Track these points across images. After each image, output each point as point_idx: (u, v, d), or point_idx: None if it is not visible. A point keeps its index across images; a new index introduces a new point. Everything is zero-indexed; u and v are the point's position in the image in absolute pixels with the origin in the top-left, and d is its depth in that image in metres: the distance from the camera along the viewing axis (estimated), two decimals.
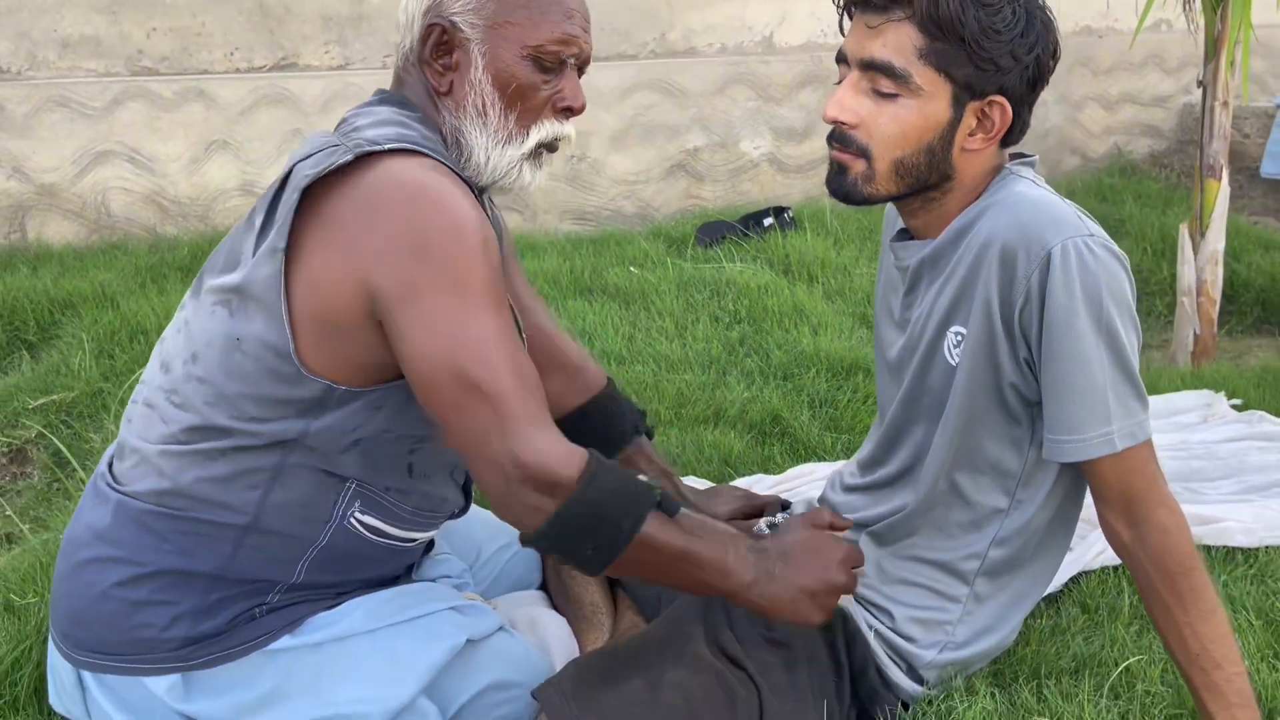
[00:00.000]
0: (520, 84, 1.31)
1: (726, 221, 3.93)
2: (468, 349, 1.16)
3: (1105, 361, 1.24)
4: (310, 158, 1.24)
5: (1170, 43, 5.08)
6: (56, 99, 3.77)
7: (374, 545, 1.37)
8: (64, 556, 1.35)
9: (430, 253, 1.17)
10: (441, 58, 1.32)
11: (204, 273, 1.34)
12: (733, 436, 2.31)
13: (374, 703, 1.31)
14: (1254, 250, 3.77)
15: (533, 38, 1.30)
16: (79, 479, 2.32)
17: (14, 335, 3.06)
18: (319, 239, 1.21)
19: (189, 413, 1.27)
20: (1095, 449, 1.25)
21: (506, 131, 1.32)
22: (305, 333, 1.22)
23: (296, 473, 1.28)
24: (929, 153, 1.29)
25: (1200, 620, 1.26)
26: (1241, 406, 2.45)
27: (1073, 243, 1.22)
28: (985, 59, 1.24)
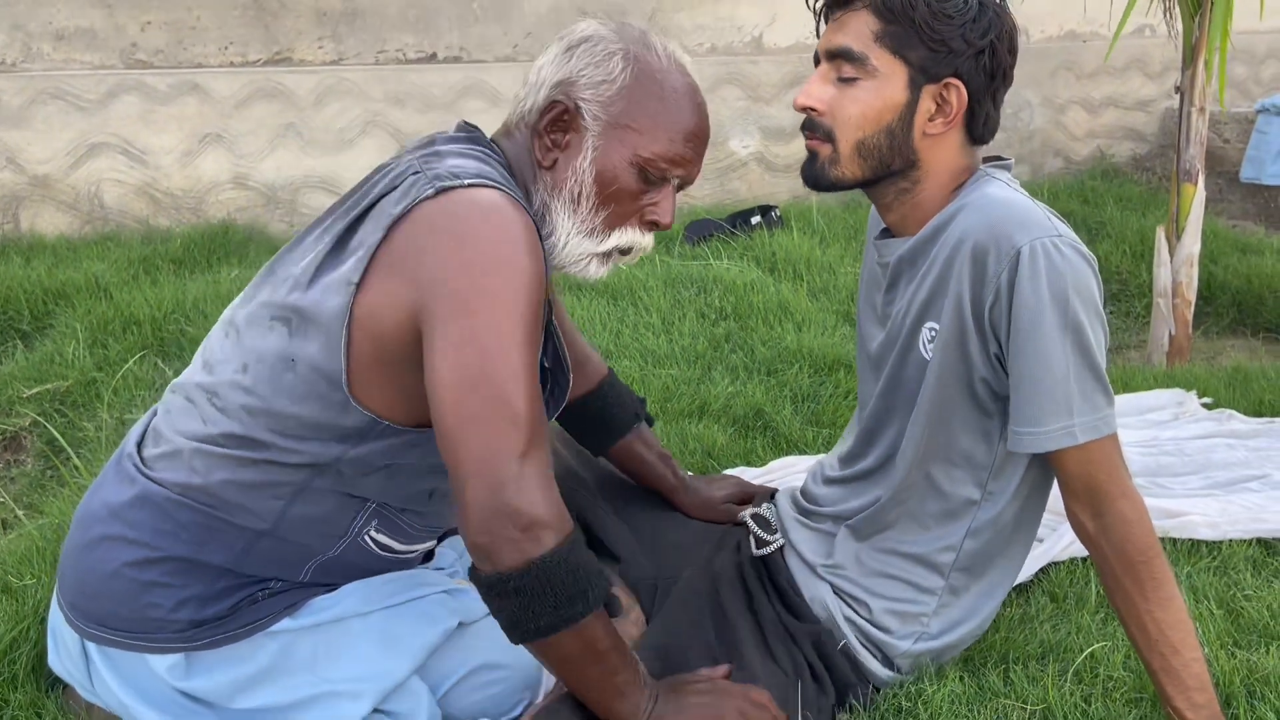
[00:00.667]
0: (620, 188, 1.32)
1: (714, 220, 3.97)
2: (506, 369, 1.16)
3: (1070, 357, 1.28)
4: (394, 190, 1.25)
5: (1153, 47, 5.15)
6: (51, 91, 3.80)
7: (379, 558, 1.42)
8: (78, 529, 1.38)
9: (487, 275, 1.17)
10: (554, 133, 1.33)
11: (261, 281, 1.36)
12: (716, 430, 2.36)
13: (368, 681, 1.35)
14: (1231, 253, 3.84)
15: (647, 149, 1.31)
16: (73, 466, 2.36)
17: (8, 324, 3.09)
18: (384, 265, 1.22)
19: (231, 419, 1.30)
20: (1057, 440, 1.30)
21: (591, 226, 1.33)
22: (359, 362, 1.24)
23: (320, 493, 1.32)
24: (889, 134, 1.35)
25: (1159, 607, 1.31)
26: (1212, 405, 2.51)
27: (1040, 243, 1.27)
28: (937, 41, 1.31)
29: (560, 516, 1.17)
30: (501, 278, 1.18)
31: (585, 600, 1.18)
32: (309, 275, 1.27)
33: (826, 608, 1.50)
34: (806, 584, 1.53)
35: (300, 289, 1.27)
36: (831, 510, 1.56)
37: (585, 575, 1.18)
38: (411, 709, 1.39)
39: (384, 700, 1.38)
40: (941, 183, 1.40)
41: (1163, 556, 1.32)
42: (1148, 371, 2.86)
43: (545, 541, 1.15)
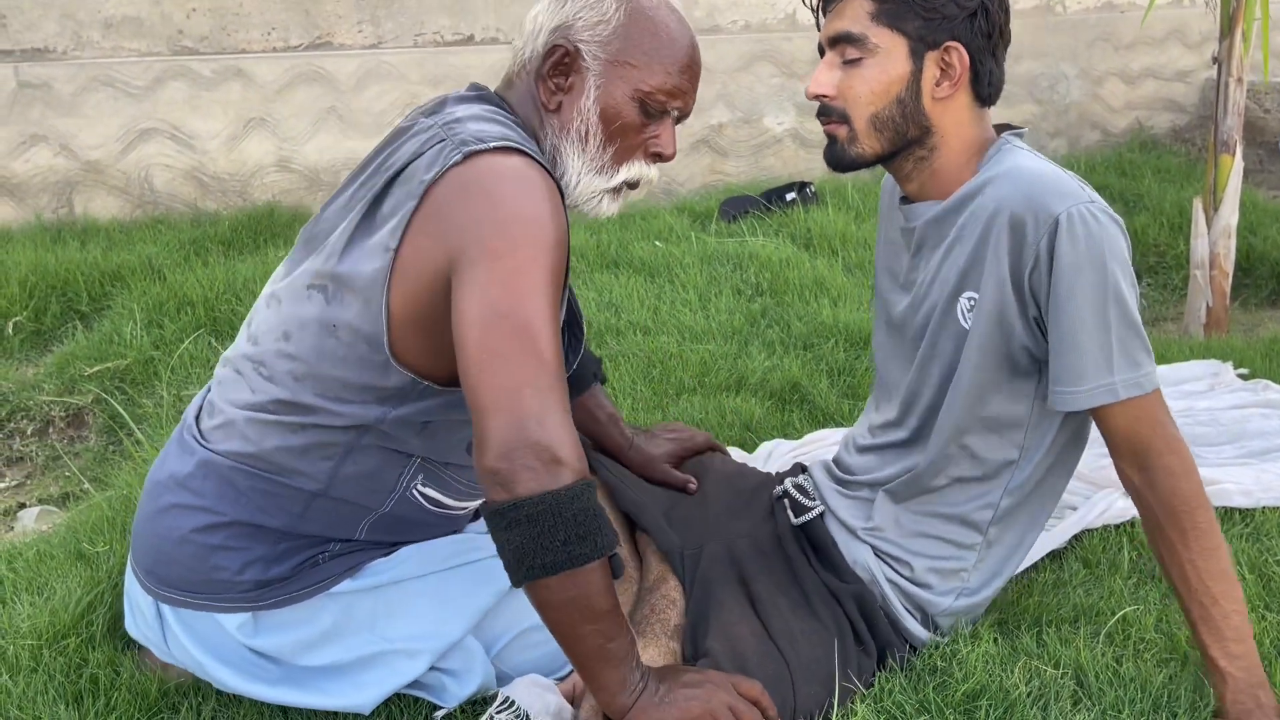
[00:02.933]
0: (624, 123, 1.38)
1: (750, 196, 4.00)
2: (533, 308, 1.19)
3: (1111, 317, 1.33)
4: (422, 156, 1.29)
5: (1192, 17, 5.09)
6: (101, 78, 3.89)
7: (430, 513, 1.48)
8: (148, 500, 1.46)
9: (515, 229, 1.22)
10: (557, 77, 1.39)
11: (298, 252, 1.42)
12: (754, 404, 2.40)
13: (426, 639, 1.42)
14: (1270, 225, 3.81)
15: (646, 83, 1.38)
16: (135, 440, 2.45)
17: (67, 306, 3.20)
18: (416, 229, 1.27)
19: (278, 386, 1.36)
20: (1098, 397, 1.34)
21: (600, 163, 1.39)
22: (398, 322, 1.29)
23: (368, 451, 1.38)
24: (900, 104, 1.41)
25: (1201, 557, 1.34)
26: (1248, 376, 2.52)
27: (1077, 209, 1.32)
28: (930, 9, 1.38)
29: (580, 457, 1.18)
30: (528, 231, 1.23)
31: (594, 543, 1.17)
32: (343, 243, 1.32)
33: (869, 569, 1.54)
34: (848, 547, 1.57)
35: (335, 256, 1.32)
36: (868, 478, 1.59)
37: (597, 520, 1.18)
38: (467, 667, 1.46)
39: (440, 659, 1.45)
40: (957, 148, 1.45)
41: (1209, 509, 1.35)
42: (1184, 343, 2.87)
43: (563, 477, 1.15)
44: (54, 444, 2.67)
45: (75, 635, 1.60)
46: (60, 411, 2.72)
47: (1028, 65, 4.93)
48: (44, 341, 3.11)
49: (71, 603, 1.65)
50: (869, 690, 1.45)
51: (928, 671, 1.49)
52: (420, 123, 1.37)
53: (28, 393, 2.74)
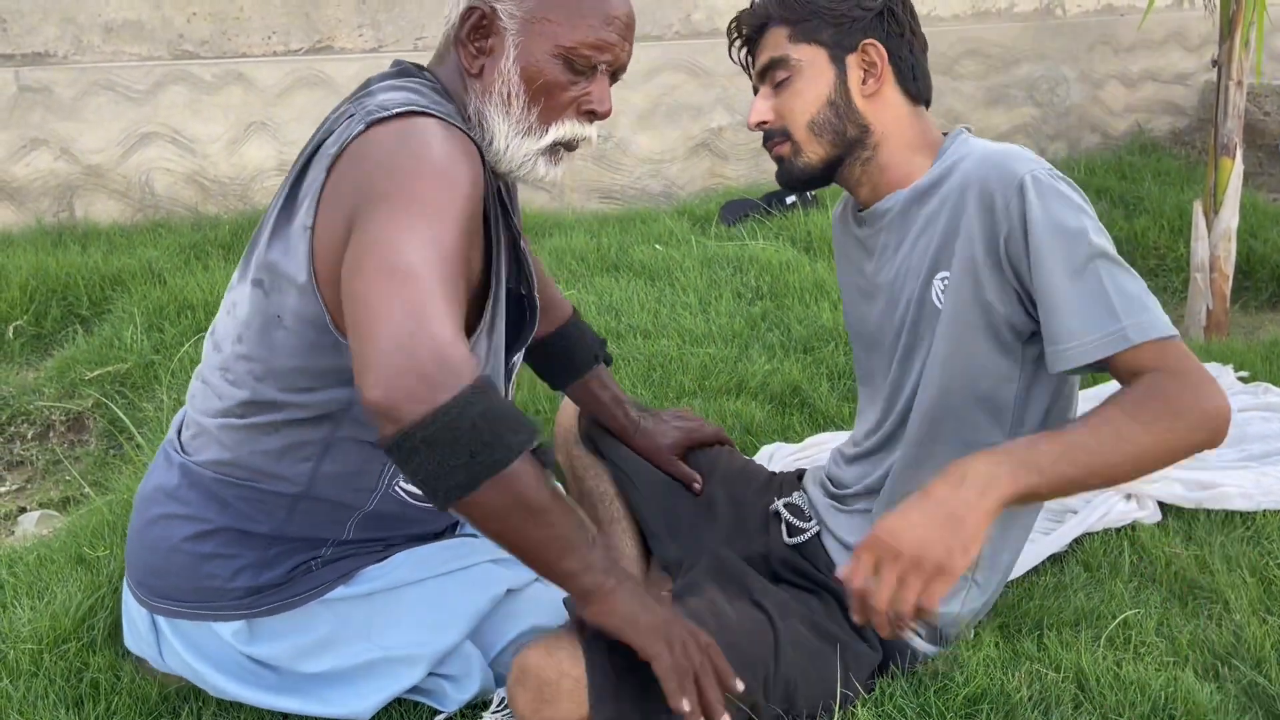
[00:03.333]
0: (547, 81, 1.33)
1: (749, 199, 4.00)
2: (411, 244, 1.13)
3: (1100, 266, 1.28)
4: (333, 133, 1.28)
5: (1191, 20, 5.09)
6: (102, 82, 3.90)
7: (414, 508, 1.47)
8: (137, 513, 1.46)
9: (400, 171, 1.18)
10: (477, 40, 1.35)
11: (246, 256, 1.40)
12: (754, 407, 2.40)
13: (423, 646, 1.42)
14: (1270, 228, 3.81)
15: (567, 39, 1.32)
16: (136, 444, 2.45)
17: (68, 310, 3.20)
18: (328, 204, 1.24)
19: (241, 388, 1.35)
20: (1107, 346, 1.25)
21: (527, 124, 1.34)
22: (332, 300, 1.25)
23: (345, 445, 1.37)
24: (832, 106, 1.46)
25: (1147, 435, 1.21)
26: (1249, 379, 2.52)
27: (1038, 170, 1.34)
28: (838, 16, 1.45)
29: (465, 360, 1.08)
30: (424, 180, 1.18)
31: (505, 446, 1.08)
32: (269, 231, 1.31)
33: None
34: None
35: (264, 246, 1.31)
36: (861, 487, 1.58)
37: (503, 419, 1.09)
38: (464, 672, 1.46)
39: (438, 664, 1.45)
40: (900, 144, 1.48)
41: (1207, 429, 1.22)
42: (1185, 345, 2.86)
43: (450, 387, 1.06)
44: (54, 448, 2.67)
45: (76, 640, 1.60)
46: (60, 415, 2.72)
47: (1027, 68, 4.93)
48: (44, 345, 3.12)
49: (72, 607, 1.65)
50: (870, 694, 1.45)
51: (929, 676, 1.49)
52: (341, 107, 1.35)
53: (28, 397, 2.74)
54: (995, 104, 4.92)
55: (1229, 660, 1.52)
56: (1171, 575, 1.73)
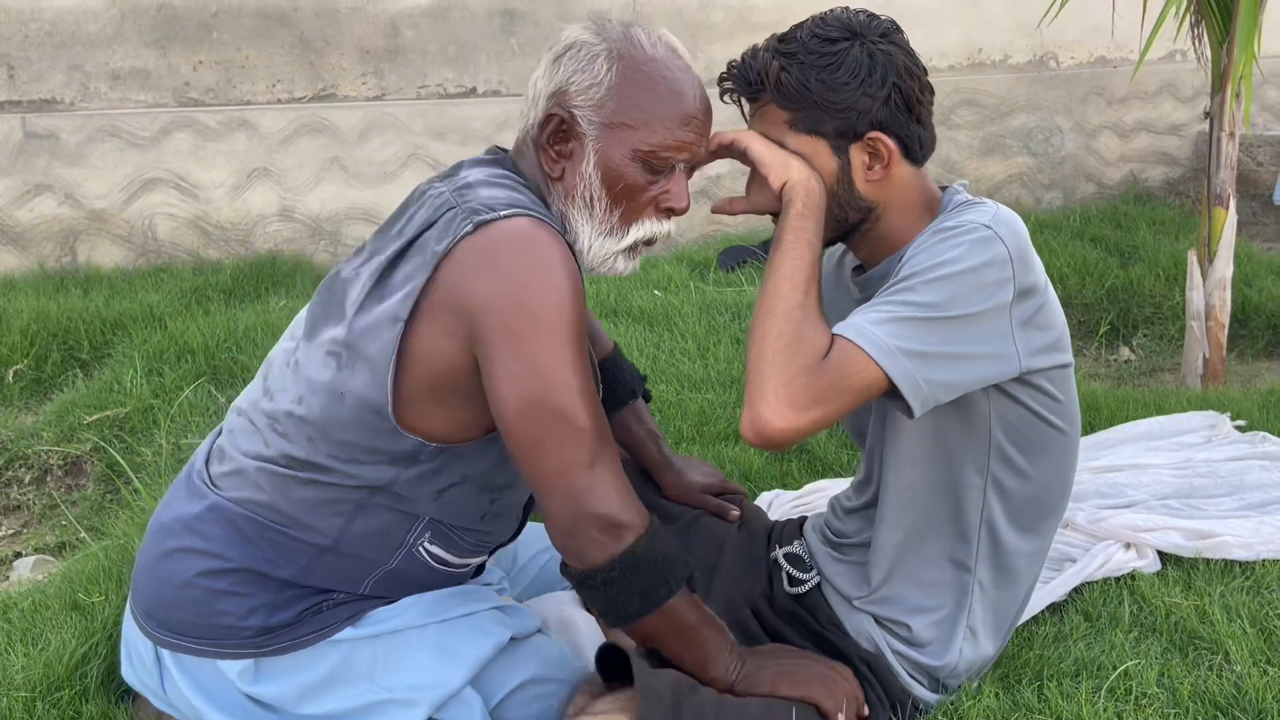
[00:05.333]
0: (627, 184, 1.36)
1: (748, 246, 4.04)
2: (564, 389, 1.25)
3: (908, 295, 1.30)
4: (434, 225, 1.31)
5: (1184, 72, 5.16)
6: (107, 129, 3.94)
7: (435, 570, 1.49)
8: (152, 543, 1.46)
9: (532, 303, 1.25)
10: (557, 145, 1.38)
11: (318, 312, 1.42)
12: (753, 453, 2.40)
13: (425, 690, 1.41)
14: (1265, 276, 3.84)
15: (645, 142, 1.35)
16: (133, 489, 2.45)
17: (68, 354, 3.21)
18: (433, 305, 1.28)
19: (292, 444, 1.37)
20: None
21: (609, 225, 1.38)
22: (412, 395, 1.31)
23: (378, 510, 1.39)
24: (834, 198, 1.41)
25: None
26: (1246, 428, 2.52)
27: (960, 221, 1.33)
28: (841, 108, 1.37)
29: (637, 511, 1.29)
30: (545, 301, 1.25)
31: (668, 586, 1.30)
32: (355, 308, 1.33)
33: (873, 639, 1.53)
34: (848, 618, 1.56)
35: (349, 323, 1.34)
36: (859, 540, 1.59)
37: (666, 564, 1.30)
38: (465, 718, 1.44)
39: (438, 709, 1.43)
40: (903, 212, 1.45)
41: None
42: (1182, 394, 2.88)
43: (626, 538, 1.27)
44: (51, 492, 2.67)
45: (69, 688, 1.59)
46: (58, 460, 2.71)
47: (1022, 118, 5.00)
48: (44, 389, 3.12)
49: (66, 654, 1.64)
50: None
51: None
52: (434, 188, 1.38)
53: (26, 441, 2.74)
54: (991, 153, 4.98)
55: (1230, 712, 1.51)
56: (1172, 625, 1.72)
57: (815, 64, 1.37)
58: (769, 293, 1.33)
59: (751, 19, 4.61)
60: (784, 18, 4.81)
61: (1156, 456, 2.32)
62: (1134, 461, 2.30)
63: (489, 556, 1.60)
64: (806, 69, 1.37)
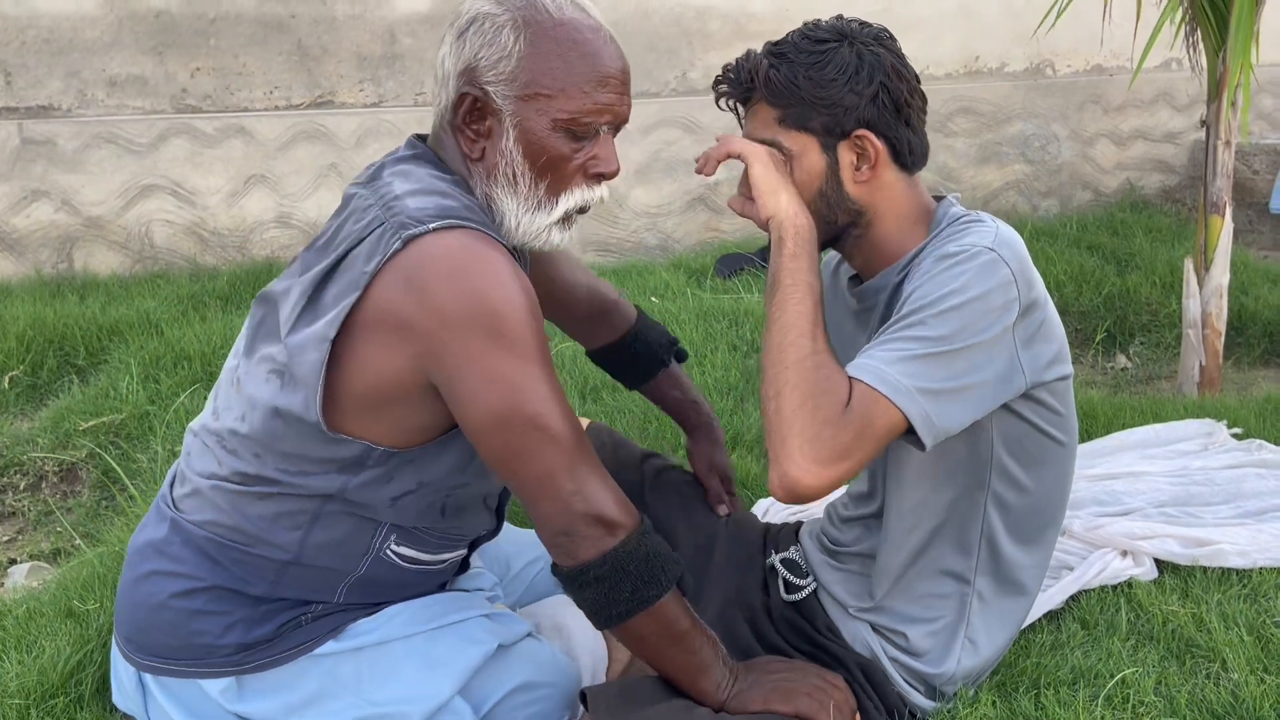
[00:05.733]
0: (551, 155, 1.31)
1: (745, 254, 4.04)
2: (533, 398, 1.23)
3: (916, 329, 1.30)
4: (363, 243, 1.26)
5: (1180, 80, 5.18)
6: (104, 135, 3.94)
7: (407, 571, 1.47)
8: (128, 568, 1.45)
9: (484, 322, 1.21)
10: (473, 124, 1.32)
11: (254, 333, 1.39)
12: (750, 460, 2.40)
13: (413, 702, 1.40)
14: (1262, 284, 3.84)
15: (564, 110, 1.29)
16: (129, 495, 2.44)
17: (64, 360, 3.20)
18: (366, 322, 1.25)
19: (241, 460, 1.36)
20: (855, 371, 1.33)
21: (536, 199, 1.33)
22: (351, 410, 1.28)
23: (335, 516, 1.37)
24: (822, 196, 1.41)
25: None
26: (1242, 435, 2.52)
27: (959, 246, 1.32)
28: (830, 105, 1.38)
29: (626, 509, 1.29)
30: (497, 316, 1.21)
31: (659, 584, 1.29)
32: (288, 328, 1.30)
33: (869, 646, 1.53)
34: (844, 625, 1.56)
35: (281, 342, 1.31)
36: (856, 550, 1.59)
37: (658, 561, 1.29)
38: None
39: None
40: (894, 219, 1.44)
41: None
42: (1178, 402, 2.88)
43: (618, 534, 1.27)
44: (46, 499, 2.66)
45: (64, 695, 1.59)
46: (54, 466, 2.71)
47: (1019, 126, 5.01)
48: (40, 396, 3.11)
49: (60, 662, 1.64)
50: None
51: None
52: (359, 195, 1.33)
53: (22, 447, 2.74)
54: (987, 161, 4.99)
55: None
56: (1169, 633, 1.72)
57: (803, 61, 1.38)
58: (776, 343, 1.31)
59: (748, 28, 4.61)
60: (780, 26, 4.82)
61: (1153, 464, 2.32)
62: (1131, 469, 2.30)
63: (469, 551, 1.58)
64: (795, 66, 1.38)
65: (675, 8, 4.52)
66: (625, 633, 1.32)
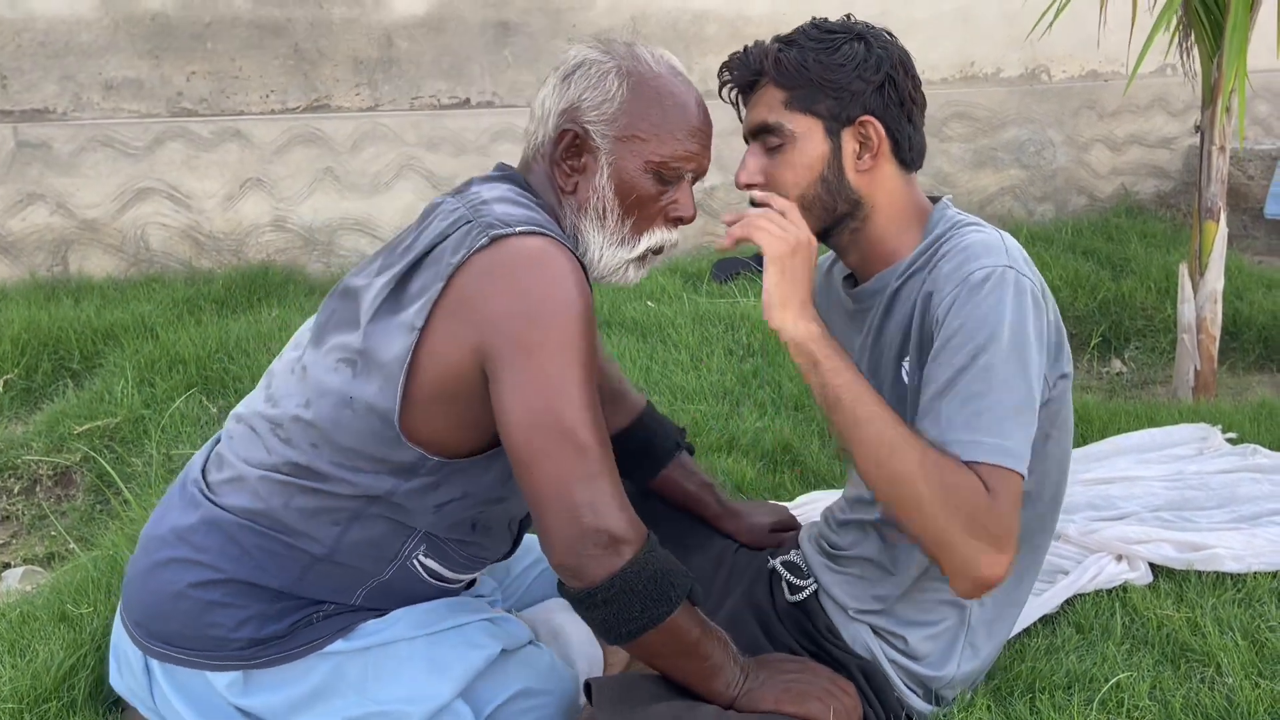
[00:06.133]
0: (640, 195, 1.40)
1: (741, 259, 4.04)
2: (569, 404, 1.25)
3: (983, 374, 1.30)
4: (449, 238, 1.32)
5: (1175, 86, 5.19)
6: (100, 139, 3.94)
7: (427, 584, 1.49)
8: (145, 552, 1.45)
9: (544, 319, 1.26)
10: (570, 159, 1.41)
11: (325, 325, 1.42)
12: (745, 464, 2.40)
13: (415, 702, 1.41)
14: (1256, 289, 3.86)
15: (657, 154, 1.39)
16: (123, 499, 2.43)
17: (59, 364, 3.19)
18: (444, 311, 1.29)
19: (293, 450, 1.38)
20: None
21: (621, 235, 1.42)
22: (418, 402, 1.31)
23: (374, 519, 1.39)
24: (824, 182, 1.43)
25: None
26: (1237, 440, 2.53)
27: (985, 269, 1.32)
28: (837, 88, 1.40)
29: (635, 528, 1.28)
30: (556, 319, 1.26)
31: (668, 601, 1.29)
32: (369, 318, 1.34)
33: (869, 648, 1.53)
34: (845, 627, 1.56)
35: (362, 331, 1.34)
36: (855, 553, 1.59)
37: (666, 578, 1.29)
38: None
39: None
40: (891, 215, 1.46)
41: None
42: (1173, 406, 2.88)
43: (625, 553, 1.26)
44: (41, 503, 2.65)
45: (57, 699, 1.58)
46: (48, 470, 2.70)
47: (1014, 131, 5.02)
48: (34, 399, 3.11)
49: (54, 666, 1.63)
50: None
51: None
52: (447, 202, 1.39)
53: (16, 451, 2.73)
54: (983, 166, 5.00)
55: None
56: (1163, 637, 1.72)
57: (814, 47, 1.41)
58: (877, 462, 1.31)
59: (745, 31, 4.62)
60: (777, 29, 4.83)
61: (1148, 469, 2.33)
62: (1125, 474, 2.30)
63: (482, 572, 1.60)
64: (805, 50, 1.41)
65: (672, 11, 4.53)
66: (636, 648, 1.33)
